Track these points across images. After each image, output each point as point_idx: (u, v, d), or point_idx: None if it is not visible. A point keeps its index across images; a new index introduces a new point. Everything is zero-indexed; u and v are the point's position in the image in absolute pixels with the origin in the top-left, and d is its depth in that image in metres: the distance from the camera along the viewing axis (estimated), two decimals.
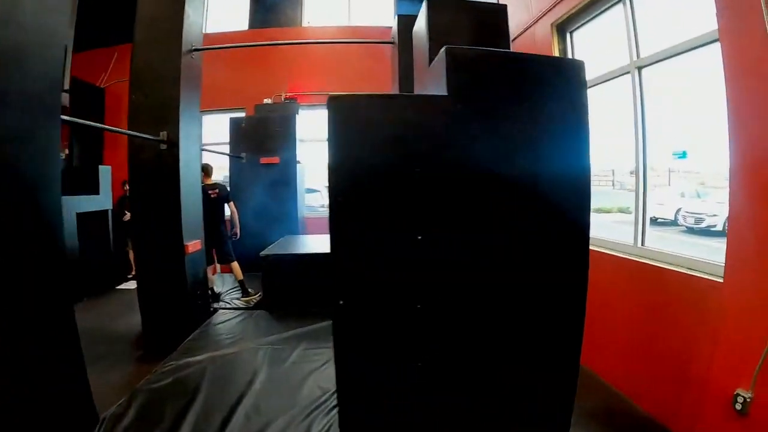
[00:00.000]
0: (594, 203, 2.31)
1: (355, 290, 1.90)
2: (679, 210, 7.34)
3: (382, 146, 1.86)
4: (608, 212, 7.76)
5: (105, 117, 7.86)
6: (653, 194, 7.63)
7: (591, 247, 3.75)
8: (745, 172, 2.30)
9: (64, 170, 7.23)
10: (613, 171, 8.32)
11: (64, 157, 8.01)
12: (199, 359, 3.74)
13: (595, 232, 4.06)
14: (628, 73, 3.52)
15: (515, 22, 4.98)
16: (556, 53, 4.28)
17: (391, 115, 1.86)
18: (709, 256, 2.76)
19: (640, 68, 3.41)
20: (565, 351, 2.10)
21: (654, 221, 7.52)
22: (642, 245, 3.44)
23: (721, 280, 2.47)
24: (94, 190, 6.62)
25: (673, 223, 7.35)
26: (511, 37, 5.47)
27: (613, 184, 8.43)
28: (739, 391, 2.20)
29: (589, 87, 4.01)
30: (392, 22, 7.96)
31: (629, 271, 3.34)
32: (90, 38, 8.26)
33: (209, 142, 7.86)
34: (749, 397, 2.15)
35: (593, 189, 2.18)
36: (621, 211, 7.32)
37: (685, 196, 7.47)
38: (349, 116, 1.86)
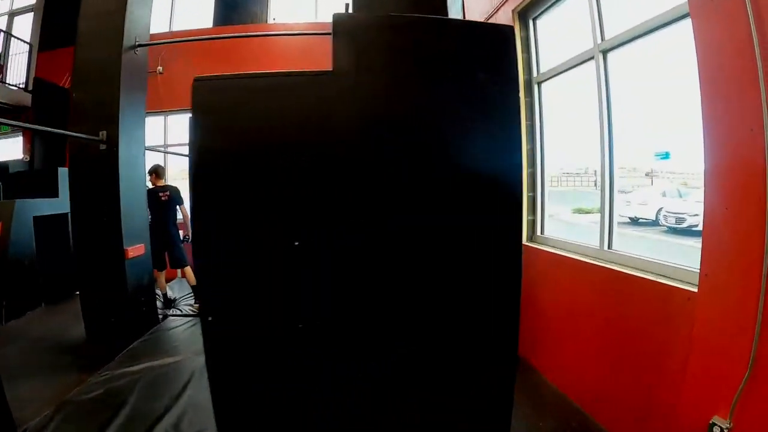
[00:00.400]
0: (574, 203, 1.95)
1: (225, 305, 1.54)
2: (660, 210, 7.05)
3: (249, 134, 1.51)
4: (588, 212, 7.48)
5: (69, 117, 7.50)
6: (635, 194, 7.48)
7: (553, 250, 3.54)
8: (720, 171, 1.97)
9: (24, 174, 6.95)
10: (595, 171, 8.03)
11: (27, 160, 7.67)
12: (135, 369, 3.60)
13: (566, 233, 3.78)
14: (591, 59, 3.16)
15: (478, 11, 4.65)
16: (518, 44, 3.93)
17: (261, 98, 1.51)
18: (685, 260, 2.39)
19: (605, 52, 3.05)
20: (498, 346, 1.80)
21: (635, 221, 7.26)
22: (609, 248, 3.07)
23: (696, 290, 2.11)
24: (53, 193, 6.30)
25: (655, 223, 7.07)
26: None
27: (595, 184, 8.15)
28: (715, 419, 1.88)
29: (553, 77, 3.80)
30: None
31: (594, 277, 2.98)
32: (54, 38, 7.95)
33: (174, 143, 7.53)
34: (727, 428, 1.83)
35: (573, 189, 1.83)
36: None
37: (667, 196, 7.15)
38: (213, 101, 1.51)
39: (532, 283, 3.75)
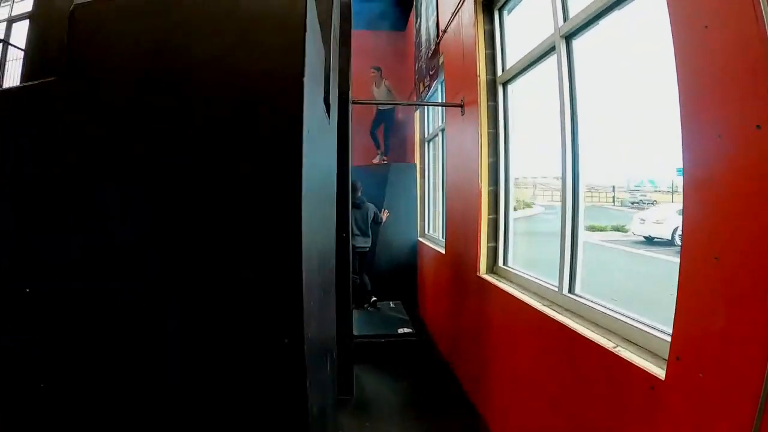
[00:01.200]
0: (588, 220, 1.82)
1: None
2: (676, 229, 6.12)
3: None
4: (602, 230, 6.98)
5: None
6: (650, 212, 6.61)
7: (508, 287, 2.75)
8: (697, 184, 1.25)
9: None
10: (613, 187, 7.61)
11: None
12: None
13: (552, 255, 2.98)
14: (553, 50, 2.42)
15: (449, 8, 3.98)
16: (481, 36, 3.23)
17: None
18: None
19: (568, 38, 2.31)
20: None
21: (650, 240, 6.38)
22: (570, 292, 2.28)
23: (663, 375, 1.38)
24: None
25: (670, 243, 6.15)
26: (442, 26, 4.50)
27: (613, 201, 7.69)
28: None
29: (517, 75, 3.06)
30: None
31: (545, 330, 2.21)
32: None
33: None
34: None
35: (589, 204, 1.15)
36: (616, 229, 6.83)
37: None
38: None
39: (487, 322, 3.01)
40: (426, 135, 5.93)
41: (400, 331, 4.36)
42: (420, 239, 5.65)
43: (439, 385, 3.73)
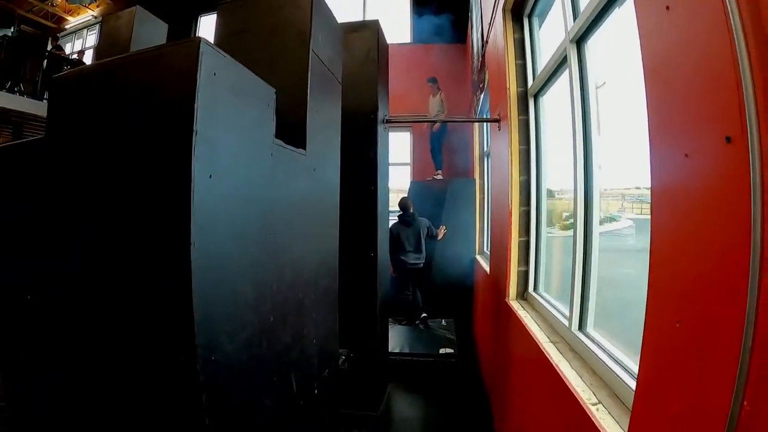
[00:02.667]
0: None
1: None
2: None
3: None
4: None
5: None
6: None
7: (528, 319, 2.45)
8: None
9: None
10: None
11: None
12: None
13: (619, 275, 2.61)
14: (565, 62, 2.16)
15: (487, 18, 3.77)
16: (510, 45, 2.99)
17: None
18: None
19: (578, 42, 2.04)
20: None
21: None
22: (579, 329, 1.99)
23: None
24: None
25: None
26: (482, 39, 4.23)
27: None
28: None
29: (544, 86, 2.74)
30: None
31: (544, 376, 1.94)
32: None
33: None
34: None
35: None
36: None
37: None
38: None
39: (509, 355, 2.75)
40: (484, 149, 5.64)
41: (442, 351, 4.15)
42: (477, 256, 5.36)
43: (471, 416, 3.46)
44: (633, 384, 1.34)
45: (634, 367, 1.40)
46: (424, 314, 5.01)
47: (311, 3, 1.89)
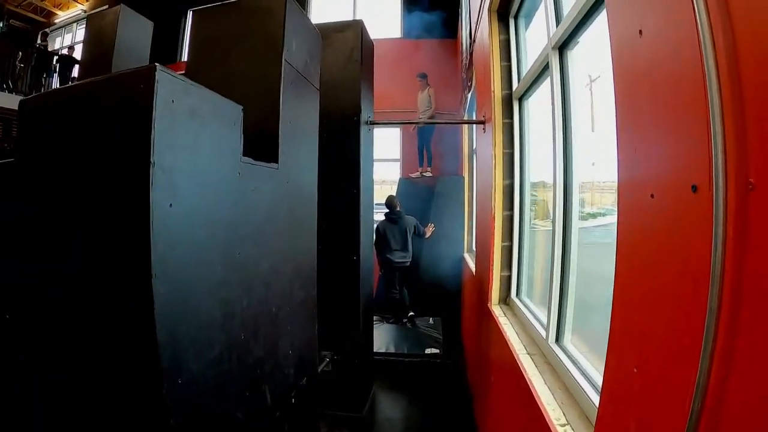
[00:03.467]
0: None
1: None
2: None
3: None
4: None
5: None
6: None
7: (507, 326, 2.42)
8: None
9: None
10: None
11: None
12: None
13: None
14: (547, 69, 2.10)
15: (475, 17, 3.69)
16: (496, 47, 2.92)
17: None
18: None
19: (560, 48, 1.99)
20: None
21: None
22: (556, 342, 1.97)
23: None
24: None
25: None
26: (470, 37, 4.15)
27: None
28: None
29: (528, 89, 2.67)
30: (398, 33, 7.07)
31: (517, 390, 1.92)
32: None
33: None
34: None
35: None
36: None
37: None
38: None
39: (488, 360, 2.73)
40: (473, 147, 5.58)
41: (427, 351, 4.14)
42: (465, 255, 5.33)
43: (454, 415, 3.46)
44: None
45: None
46: (411, 312, 4.99)
47: (284, 10, 1.82)
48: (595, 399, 1.43)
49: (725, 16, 0.67)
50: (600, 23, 1.62)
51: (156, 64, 1.12)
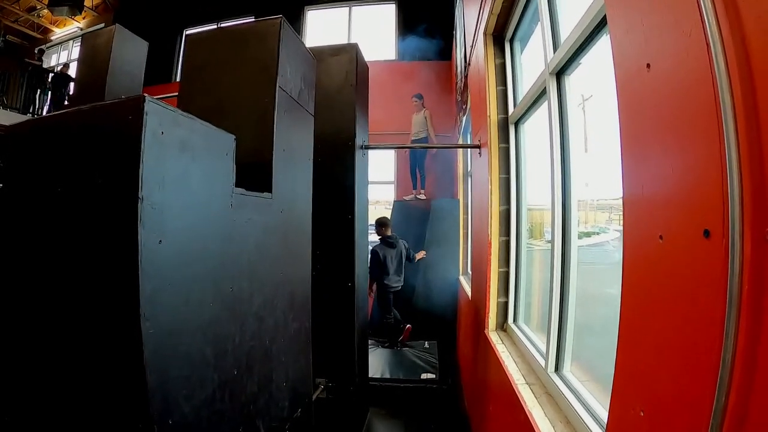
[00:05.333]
0: None
1: None
2: None
3: None
4: None
5: None
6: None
7: (504, 354, 2.37)
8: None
9: None
10: None
11: None
12: None
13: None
14: (544, 94, 2.10)
15: (470, 40, 3.72)
16: (491, 71, 2.93)
17: None
18: None
19: (558, 74, 1.99)
20: None
21: None
22: (555, 371, 1.92)
23: None
24: None
25: None
26: (465, 60, 4.19)
27: None
28: None
29: (525, 114, 2.67)
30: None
31: (517, 422, 1.86)
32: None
33: None
34: None
35: None
36: None
37: None
38: None
39: (486, 388, 2.66)
40: (469, 169, 5.59)
41: (423, 376, 4.05)
42: (461, 277, 5.28)
43: None
44: None
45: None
46: (408, 325, 4.89)
47: (279, 35, 1.80)
48: None
49: (741, 48, 0.65)
50: (598, 49, 1.63)
51: (145, 95, 1.08)
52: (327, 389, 3.22)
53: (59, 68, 9.45)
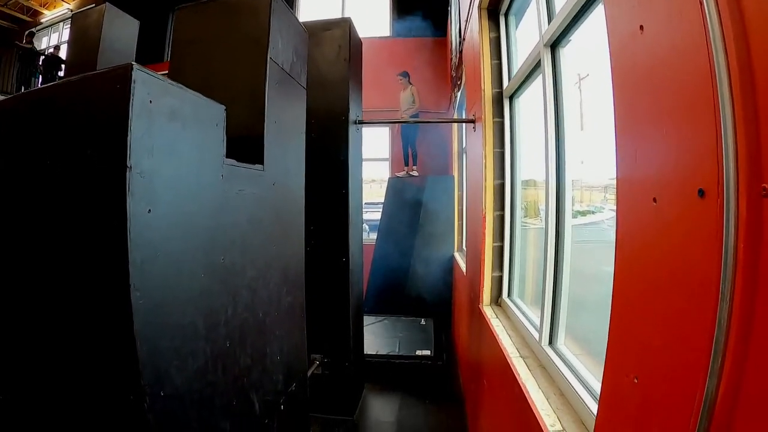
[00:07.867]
0: None
1: None
2: None
3: None
4: None
5: None
6: None
7: (499, 328, 2.39)
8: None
9: None
10: None
11: None
12: None
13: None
14: (539, 67, 2.06)
15: (465, 15, 3.64)
16: (486, 45, 2.87)
17: None
18: None
19: (553, 47, 1.94)
20: None
21: None
22: (549, 345, 1.93)
23: None
24: None
25: None
26: (460, 35, 4.11)
27: None
28: None
29: (519, 88, 2.64)
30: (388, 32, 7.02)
31: (511, 394, 1.88)
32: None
33: None
34: None
35: None
36: None
37: None
38: None
39: (480, 362, 2.69)
40: (463, 146, 5.55)
41: (418, 352, 4.10)
42: (456, 254, 5.30)
43: (446, 418, 3.43)
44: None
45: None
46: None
47: (270, 7, 1.75)
48: (591, 404, 1.39)
49: (735, 5, 0.62)
50: (594, 19, 1.59)
51: (132, 63, 1.05)
52: (322, 365, 3.25)
53: (50, 51, 9.22)
